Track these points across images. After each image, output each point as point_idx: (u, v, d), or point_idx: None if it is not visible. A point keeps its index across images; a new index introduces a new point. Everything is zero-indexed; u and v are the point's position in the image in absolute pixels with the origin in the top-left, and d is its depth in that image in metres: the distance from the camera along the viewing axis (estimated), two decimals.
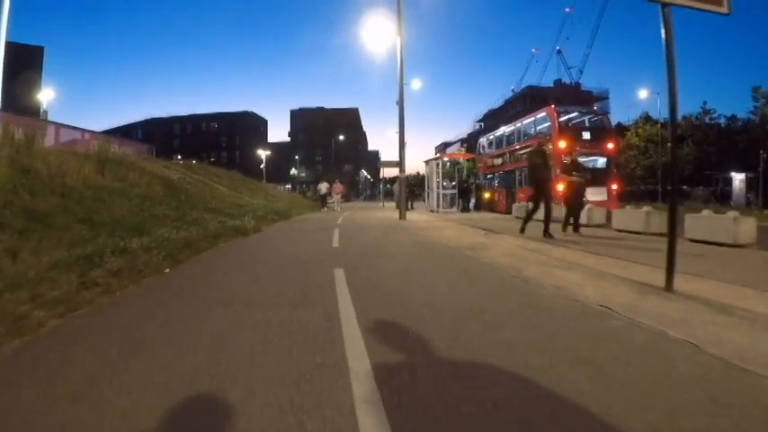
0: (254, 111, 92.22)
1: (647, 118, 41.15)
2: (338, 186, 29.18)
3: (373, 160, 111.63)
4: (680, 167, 34.58)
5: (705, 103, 39.03)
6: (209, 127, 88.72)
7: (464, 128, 77.91)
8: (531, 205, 10.60)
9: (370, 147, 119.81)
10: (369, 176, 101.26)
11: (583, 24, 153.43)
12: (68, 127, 22.07)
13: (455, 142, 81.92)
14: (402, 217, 16.11)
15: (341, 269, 5.51)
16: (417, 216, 18.40)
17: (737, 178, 29.60)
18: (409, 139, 40.48)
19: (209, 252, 7.49)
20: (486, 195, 24.81)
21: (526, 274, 5.36)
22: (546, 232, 9.72)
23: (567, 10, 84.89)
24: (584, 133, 18.35)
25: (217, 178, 25.67)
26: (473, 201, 24.17)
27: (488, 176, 25.07)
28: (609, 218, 13.74)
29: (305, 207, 24.98)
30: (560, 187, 18.10)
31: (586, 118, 19.25)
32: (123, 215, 9.69)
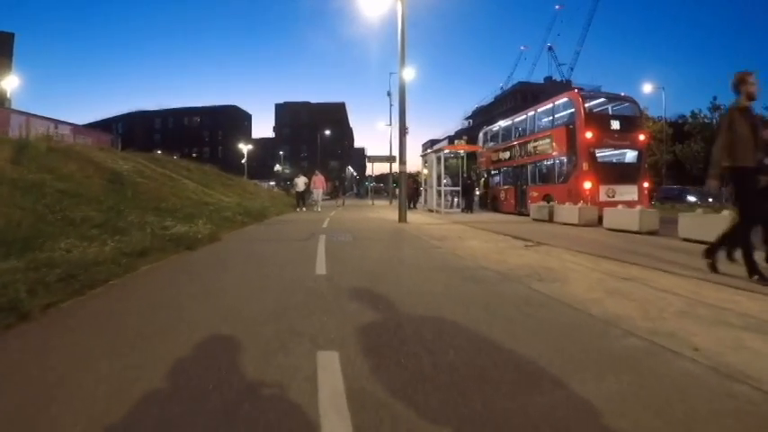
0: (239, 105, 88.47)
1: (645, 116, 38.82)
2: (318, 179, 21.91)
3: (360, 157, 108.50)
4: (688, 166, 32.14)
5: (715, 98, 36.21)
6: (191, 121, 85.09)
7: (452, 125, 75.18)
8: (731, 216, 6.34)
9: (356, 144, 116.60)
10: (355, 174, 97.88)
11: (574, 21, 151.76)
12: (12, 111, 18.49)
13: (443, 140, 79.11)
14: (402, 219, 13.05)
15: (334, 355, 2.45)
16: (418, 218, 15.33)
17: None
18: (396, 135, 37.10)
19: (104, 289, 4.32)
20: (490, 194, 21.82)
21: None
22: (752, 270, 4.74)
23: (557, 7, 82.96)
24: (612, 122, 15.47)
25: (187, 172, 22.31)
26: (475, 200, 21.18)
27: (492, 172, 22.08)
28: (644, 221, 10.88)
29: (286, 206, 21.52)
30: (587, 185, 15.30)
31: (613, 105, 16.36)
32: (14, 220, 6.58)
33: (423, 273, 5.07)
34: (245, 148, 54.86)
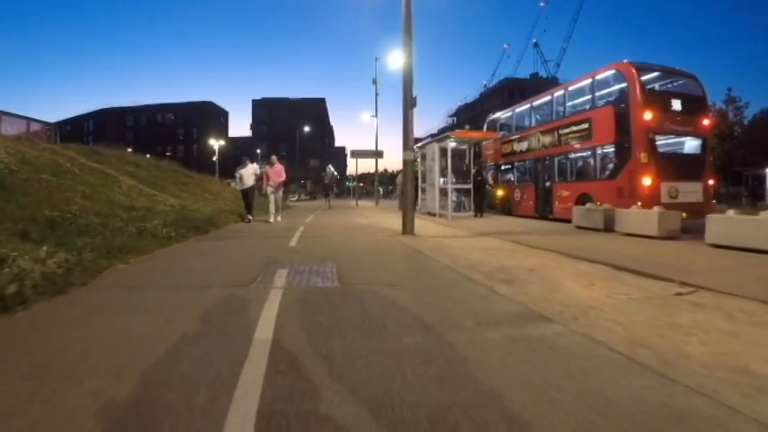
0: (215, 101, 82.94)
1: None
2: (275, 171, 13.04)
3: (340, 156, 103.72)
4: None
5: (730, 89, 32.47)
6: (165, 118, 79.47)
7: (435, 123, 71.49)
8: None
9: (337, 143, 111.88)
10: (335, 173, 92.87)
11: (560, 17, 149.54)
12: None
13: (425, 138, 75.03)
14: (408, 230, 8.95)
15: None
16: (425, 226, 11.11)
17: None
18: (386, 127, 32.55)
19: None
20: (500, 193, 17.80)
21: None
22: None
23: (541, 4, 79.92)
24: (673, 101, 11.66)
25: (133, 168, 17.84)
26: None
27: (503, 168, 18.07)
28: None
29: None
30: (646, 182, 11.49)
31: (671, 81, 12.51)
32: None
33: None
34: (216, 144, 49.87)
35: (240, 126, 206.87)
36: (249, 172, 12.99)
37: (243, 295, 3.68)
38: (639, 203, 10.44)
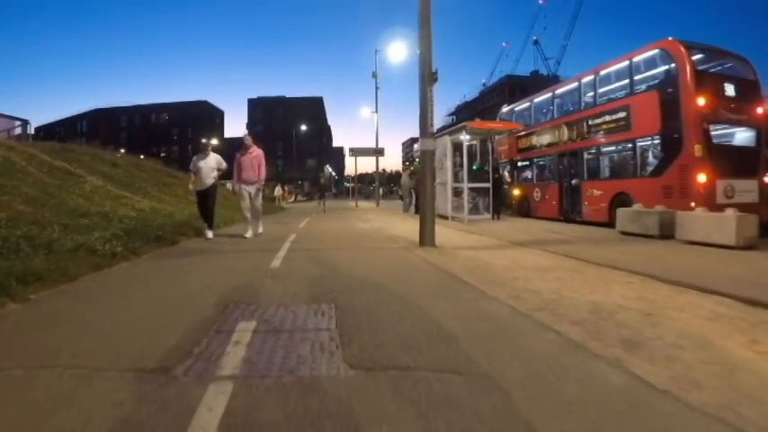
0: (210, 101, 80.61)
1: None
2: (250, 160, 8.60)
3: (338, 157, 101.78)
4: None
5: None
6: (159, 118, 77.35)
7: (434, 121, 69.51)
8: None
9: (334, 143, 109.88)
10: (333, 173, 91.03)
11: (560, 14, 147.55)
12: None
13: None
14: (426, 241, 7.11)
15: None
16: (444, 234, 9.20)
17: None
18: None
19: None
20: (517, 193, 15.97)
21: None
22: None
23: (540, 1, 78.30)
24: (726, 86, 9.90)
25: (109, 168, 16.06)
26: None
27: (519, 164, 16.21)
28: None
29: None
30: (701, 179, 9.75)
31: (720, 64, 10.70)
32: None
33: None
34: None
35: (236, 126, 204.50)
36: (210, 165, 8.54)
37: (143, 415, 1.78)
38: (693, 204, 8.72)
